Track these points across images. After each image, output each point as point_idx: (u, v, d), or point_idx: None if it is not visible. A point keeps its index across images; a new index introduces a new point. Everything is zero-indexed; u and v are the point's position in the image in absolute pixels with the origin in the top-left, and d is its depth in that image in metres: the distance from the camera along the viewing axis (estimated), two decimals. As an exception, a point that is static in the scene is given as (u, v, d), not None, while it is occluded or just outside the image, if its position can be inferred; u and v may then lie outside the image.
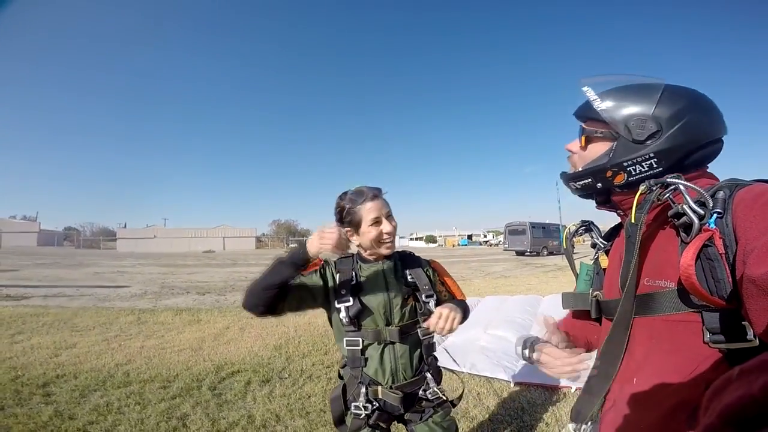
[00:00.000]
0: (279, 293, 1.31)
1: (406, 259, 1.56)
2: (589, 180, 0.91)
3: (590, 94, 0.91)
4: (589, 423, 0.93)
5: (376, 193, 1.45)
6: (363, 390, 1.38)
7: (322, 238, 1.25)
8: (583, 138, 0.94)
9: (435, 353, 1.54)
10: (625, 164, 0.84)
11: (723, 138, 0.85)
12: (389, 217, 1.45)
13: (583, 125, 0.95)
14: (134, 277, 13.70)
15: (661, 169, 0.82)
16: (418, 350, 1.47)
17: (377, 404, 1.39)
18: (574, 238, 1.17)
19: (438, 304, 1.46)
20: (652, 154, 0.82)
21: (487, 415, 2.90)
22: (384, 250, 1.45)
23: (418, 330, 1.45)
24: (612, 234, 1.06)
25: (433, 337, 1.50)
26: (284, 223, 70.56)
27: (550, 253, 25.67)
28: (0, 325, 5.67)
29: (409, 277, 1.49)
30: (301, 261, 1.29)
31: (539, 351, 1.02)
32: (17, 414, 2.83)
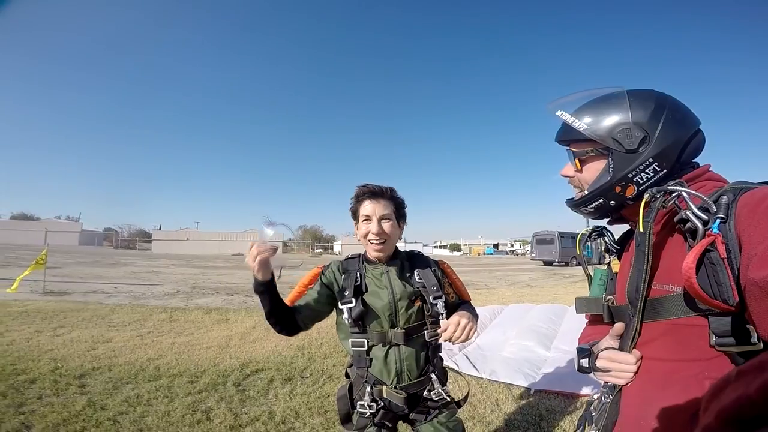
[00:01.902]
0: (282, 318, 1.36)
1: (413, 260, 1.53)
2: (601, 200, 0.90)
3: (566, 116, 0.91)
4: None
5: (380, 194, 1.44)
6: (368, 389, 1.39)
7: (247, 260, 1.23)
8: (576, 161, 0.94)
9: (441, 354, 1.53)
10: (630, 175, 0.84)
11: (701, 128, 0.86)
12: (383, 219, 1.42)
13: (571, 148, 0.95)
14: (167, 277, 14.23)
15: (665, 170, 0.83)
16: (424, 352, 1.45)
17: (382, 403, 1.40)
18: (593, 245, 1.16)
19: (446, 305, 1.45)
20: (651, 159, 0.82)
21: (503, 421, 2.87)
22: (371, 251, 1.44)
23: (425, 332, 1.44)
24: (625, 239, 1.05)
25: (439, 338, 1.46)
26: (310, 229, 71.88)
27: (579, 264, 24.80)
28: (44, 318, 6.02)
29: (417, 278, 1.46)
30: (259, 289, 1.28)
31: (599, 358, 0.92)
32: (53, 403, 3.00)
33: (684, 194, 0.73)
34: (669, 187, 0.76)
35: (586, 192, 0.92)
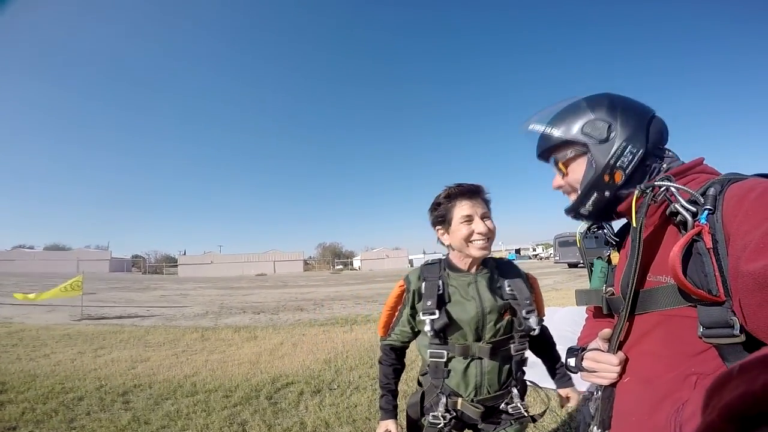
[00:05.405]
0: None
1: (504, 268, 1.44)
2: (595, 195, 0.92)
3: (539, 128, 1.00)
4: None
5: (474, 191, 1.37)
6: (443, 400, 1.32)
7: None
8: (560, 165, 0.98)
9: (525, 368, 1.42)
10: (612, 162, 0.87)
11: (657, 114, 0.92)
12: (485, 218, 1.35)
13: (553, 157, 1.01)
14: (196, 298, 14.67)
15: (641, 150, 0.86)
16: (508, 365, 1.36)
17: (455, 414, 1.33)
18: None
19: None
20: (624, 143, 0.87)
21: (556, 426, 2.89)
22: (474, 251, 1.32)
23: (511, 345, 1.34)
24: (624, 231, 1.04)
25: (526, 351, 1.39)
26: (329, 246, 72.41)
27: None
28: (84, 341, 6.37)
29: (507, 289, 1.36)
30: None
31: (584, 358, 0.95)
32: (101, 419, 3.21)
33: (673, 189, 0.75)
34: (656, 183, 0.79)
35: (579, 190, 0.95)
